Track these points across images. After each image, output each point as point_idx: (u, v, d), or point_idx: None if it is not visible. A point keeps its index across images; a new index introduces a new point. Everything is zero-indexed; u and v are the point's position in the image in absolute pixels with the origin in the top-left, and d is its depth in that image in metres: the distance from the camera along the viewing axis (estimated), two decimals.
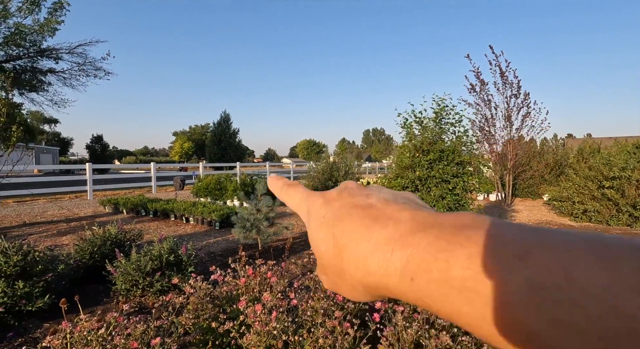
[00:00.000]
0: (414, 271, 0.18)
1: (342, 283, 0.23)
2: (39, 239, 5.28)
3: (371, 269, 0.20)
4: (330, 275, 0.23)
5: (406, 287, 0.18)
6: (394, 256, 0.19)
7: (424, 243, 0.18)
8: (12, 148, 4.33)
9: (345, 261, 0.21)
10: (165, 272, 2.88)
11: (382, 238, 0.20)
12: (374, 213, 0.22)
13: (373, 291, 0.21)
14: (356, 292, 0.22)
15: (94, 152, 34.38)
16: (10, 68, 12.71)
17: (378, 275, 0.20)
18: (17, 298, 2.37)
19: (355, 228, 0.21)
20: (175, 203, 7.33)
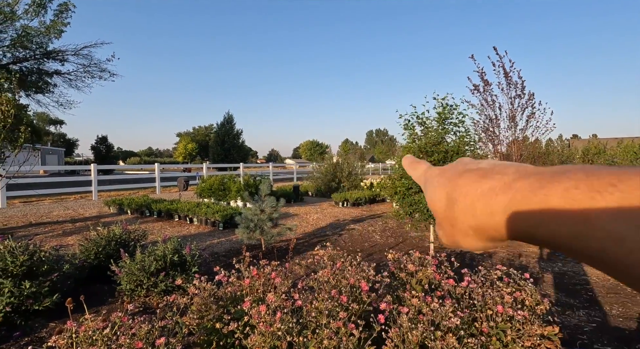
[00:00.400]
0: (516, 207, 0.20)
1: (456, 231, 0.26)
2: (44, 239, 5.32)
3: (477, 211, 0.23)
4: (446, 227, 0.27)
5: (510, 222, 0.21)
6: (497, 199, 0.22)
7: (525, 185, 0.21)
8: (19, 150, 4.37)
9: (457, 211, 0.25)
10: (169, 272, 2.89)
11: (487, 187, 0.23)
12: (481, 173, 0.25)
13: (482, 233, 0.24)
14: (469, 237, 0.26)
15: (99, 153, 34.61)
16: (17, 70, 12.85)
17: (484, 215, 0.23)
18: (24, 298, 2.39)
19: (465, 184, 0.25)
20: (179, 203, 7.36)
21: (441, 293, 1.96)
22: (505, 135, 9.80)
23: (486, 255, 4.47)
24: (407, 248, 4.85)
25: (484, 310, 1.65)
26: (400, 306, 1.64)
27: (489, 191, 0.23)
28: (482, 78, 9.84)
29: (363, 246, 5.01)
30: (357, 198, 9.36)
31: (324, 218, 7.45)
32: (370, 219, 7.28)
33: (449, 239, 0.28)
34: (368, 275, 1.90)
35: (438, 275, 2.11)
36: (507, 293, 1.72)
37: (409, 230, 6.02)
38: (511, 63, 9.39)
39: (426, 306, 1.56)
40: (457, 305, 1.65)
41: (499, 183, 0.23)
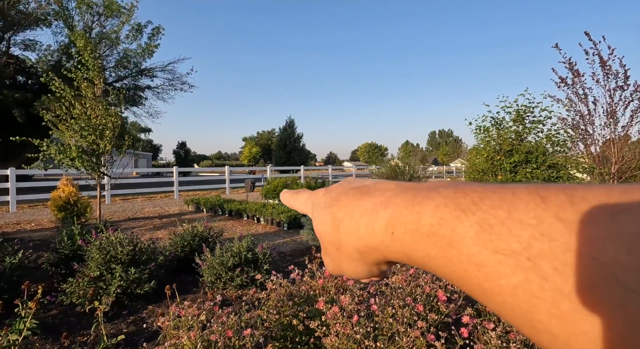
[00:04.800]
0: (393, 225, 0.20)
1: (341, 254, 0.25)
2: (140, 232, 6.16)
3: (361, 231, 0.22)
4: (331, 251, 0.26)
5: (389, 242, 0.20)
6: (378, 216, 0.21)
7: (403, 201, 0.20)
8: (123, 154, 5.14)
9: (342, 232, 0.24)
10: (244, 268, 3.11)
11: (369, 204, 0.22)
12: (365, 190, 0.24)
13: (367, 257, 0.23)
14: (354, 262, 0.25)
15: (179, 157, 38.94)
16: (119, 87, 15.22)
17: (367, 236, 0.22)
18: (130, 282, 2.79)
19: (349, 203, 0.24)
20: (247, 204, 7.88)
21: None
22: (601, 133, 8.44)
23: None
24: None
25: None
26: (484, 320, 1.52)
27: (371, 208, 0.22)
28: (571, 69, 8.63)
29: None
30: None
31: None
32: None
33: (334, 265, 0.27)
34: (445, 284, 1.80)
35: None
36: None
37: None
38: (610, 50, 8.07)
39: None
40: None
41: (380, 199, 0.22)
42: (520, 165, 2.75)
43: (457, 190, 0.19)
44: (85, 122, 4.61)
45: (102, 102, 4.87)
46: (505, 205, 0.16)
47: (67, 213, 5.63)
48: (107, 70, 14.30)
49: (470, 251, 0.16)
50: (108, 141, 4.71)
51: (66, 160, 4.52)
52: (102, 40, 13.23)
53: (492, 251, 0.16)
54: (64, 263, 3.43)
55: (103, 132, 4.73)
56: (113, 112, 5.01)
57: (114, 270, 2.77)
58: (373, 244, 0.22)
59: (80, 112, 4.69)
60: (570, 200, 0.15)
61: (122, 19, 12.95)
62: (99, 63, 5.01)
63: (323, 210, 0.27)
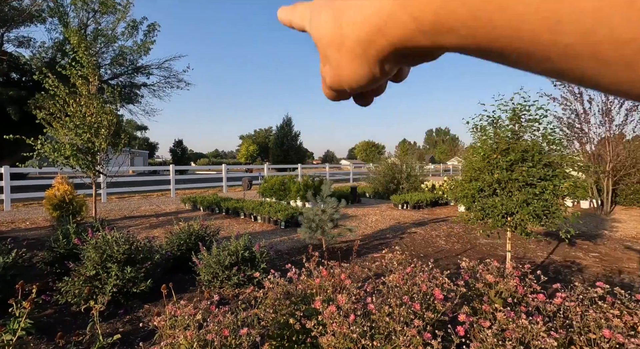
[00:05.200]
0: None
1: (342, 55, 0.22)
2: (136, 231, 6.13)
3: (367, 12, 0.20)
4: (332, 56, 0.23)
5: (398, 9, 0.18)
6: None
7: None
8: (119, 153, 5.10)
9: (344, 24, 0.21)
10: (240, 267, 3.10)
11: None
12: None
13: (370, 47, 0.20)
14: (356, 60, 0.22)
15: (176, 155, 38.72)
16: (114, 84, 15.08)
17: (373, 15, 0.19)
18: (126, 281, 2.77)
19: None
20: (245, 202, 7.87)
21: (526, 308, 1.78)
22: (596, 131, 8.51)
23: (575, 269, 3.93)
24: (476, 255, 4.50)
25: (583, 333, 1.44)
26: (480, 319, 1.52)
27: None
28: None
29: (427, 251, 4.78)
30: (418, 200, 8.98)
31: (384, 220, 7.30)
32: (433, 223, 6.92)
33: (333, 73, 0.24)
34: (441, 283, 1.81)
35: (522, 288, 1.91)
36: (613, 315, 1.48)
37: (478, 236, 5.58)
38: None
39: (512, 322, 1.43)
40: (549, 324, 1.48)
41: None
42: (517, 164, 2.76)
43: None
44: (80, 119, 4.57)
45: (97, 100, 4.83)
46: None
47: (62, 211, 5.58)
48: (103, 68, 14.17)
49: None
50: (103, 139, 4.67)
51: (60, 158, 4.48)
52: (97, 37, 13.10)
53: None
54: (59, 262, 3.40)
55: (98, 130, 4.68)
56: (108, 110, 4.96)
57: (110, 268, 2.75)
58: (379, 24, 0.19)
59: (75, 109, 4.64)
60: None
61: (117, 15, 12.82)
62: (93, 61, 4.96)
63: (323, 10, 0.24)
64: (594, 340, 1.40)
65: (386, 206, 9.51)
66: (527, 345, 1.34)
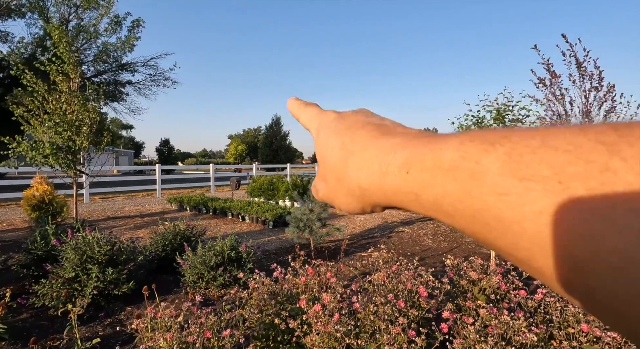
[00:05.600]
0: (409, 164, 0.19)
1: (341, 187, 0.24)
2: (120, 231, 5.98)
3: (372, 169, 0.21)
4: (330, 181, 0.25)
5: (401, 181, 0.20)
6: (395, 157, 0.20)
7: (423, 142, 0.20)
8: (101, 152, 4.96)
9: (350, 165, 0.23)
10: (227, 267, 3.06)
11: (388, 144, 0.22)
12: (384, 130, 0.23)
13: (368, 196, 0.22)
14: (351, 197, 0.24)
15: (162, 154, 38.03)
16: (98, 82, 14.69)
17: (377, 175, 0.21)
18: (107, 283, 2.70)
19: (365, 138, 0.23)
20: (232, 202, 7.78)
21: (508, 304, 1.81)
22: None
23: None
24: (462, 253, 4.56)
25: (563, 327, 1.48)
26: (463, 315, 1.54)
27: (389, 148, 0.21)
28: (549, 70, 8.91)
29: (414, 249, 4.83)
30: None
31: (372, 219, 7.33)
32: (420, 222, 7.00)
33: (328, 193, 0.26)
34: (426, 280, 1.82)
35: (504, 284, 1.94)
36: None
37: (464, 235, 5.66)
38: (586, 52, 8.37)
39: (494, 318, 1.44)
40: (530, 320, 1.50)
41: (400, 140, 0.21)
42: None
43: (484, 130, 0.18)
44: (60, 117, 4.42)
45: (78, 97, 4.68)
46: (539, 136, 0.15)
47: (41, 212, 5.39)
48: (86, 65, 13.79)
49: (494, 181, 0.15)
50: (85, 137, 4.53)
51: (39, 157, 4.32)
52: (80, 33, 12.72)
53: (519, 179, 0.15)
54: (37, 264, 3.28)
55: (79, 128, 4.55)
56: (91, 107, 4.82)
57: (90, 270, 2.67)
58: (381, 185, 0.21)
59: (55, 107, 4.49)
60: (613, 127, 0.13)
61: (100, 11, 12.48)
62: (75, 57, 4.81)
63: (332, 136, 0.25)
64: (572, 334, 1.43)
65: None
66: (509, 340, 1.36)
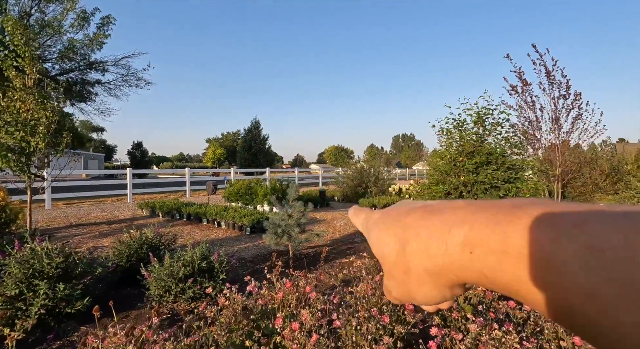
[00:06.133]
0: (472, 244, 0.19)
1: (409, 279, 0.23)
2: (82, 240, 5.53)
3: (432, 251, 0.21)
4: (397, 275, 0.24)
5: (467, 261, 0.19)
6: (452, 234, 0.20)
7: (481, 219, 0.19)
8: (61, 154, 4.56)
9: (409, 254, 0.22)
10: (197, 279, 2.83)
11: (439, 223, 0.21)
12: (429, 209, 0.23)
13: (439, 279, 0.21)
14: (425, 285, 0.23)
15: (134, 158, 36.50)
16: (64, 80, 13.83)
17: (439, 256, 0.20)
18: (58, 300, 2.40)
19: (414, 222, 0.23)
20: (208, 207, 7.45)
21: (495, 314, 1.72)
22: (547, 138, 9.11)
23: None
24: None
25: (554, 340, 1.40)
26: (452, 331, 1.43)
27: (442, 227, 0.21)
28: (520, 77, 9.25)
29: None
30: (386, 204, 9.06)
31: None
32: None
33: (401, 291, 0.25)
34: None
35: (490, 293, 1.86)
36: None
37: None
38: (554, 61, 8.75)
39: (485, 334, 1.34)
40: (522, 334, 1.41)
41: (452, 217, 0.21)
42: (482, 166, 2.77)
43: (546, 209, 0.17)
44: (12, 116, 4.02)
45: (34, 94, 4.29)
46: (624, 228, 0.14)
47: None
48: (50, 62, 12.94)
49: (577, 279, 0.14)
50: (41, 138, 4.14)
51: None
52: (43, 28, 11.93)
53: (608, 279, 0.13)
54: None
55: (35, 127, 4.15)
56: (49, 106, 4.43)
57: (38, 286, 2.36)
58: (447, 264, 0.20)
59: (7, 104, 4.08)
60: None
61: (65, 5, 11.75)
62: (31, 50, 4.41)
63: (383, 232, 0.26)
64: (564, 348, 1.35)
65: None
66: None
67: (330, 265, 4.22)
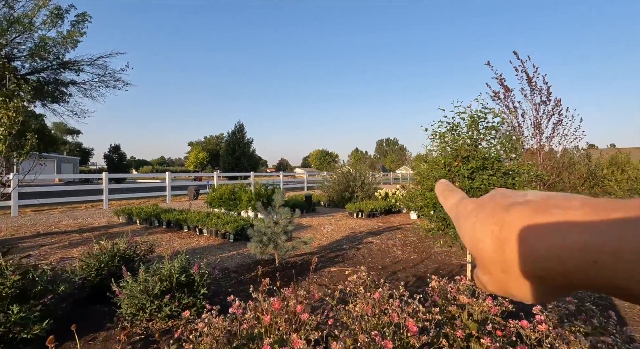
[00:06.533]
0: (596, 252, 0.17)
1: (509, 279, 0.22)
2: (49, 251, 5.11)
3: (540, 255, 0.19)
4: (495, 272, 0.23)
5: (592, 271, 0.18)
6: (565, 240, 0.18)
7: (604, 223, 0.18)
8: (24, 157, 4.19)
9: (510, 255, 0.21)
10: (175, 294, 2.58)
11: (549, 225, 0.19)
12: (534, 206, 0.21)
13: (549, 282, 0.20)
14: (526, 287, 0.21)
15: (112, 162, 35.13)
16: (35, 80, 13.06)
17: (551, 261, 0.19)
18: (11, 325, 2.10)
19: (516, 220, 0.21)
20: (189, 213, 7.12)
21: (502, 332, 1.59)
22: (530, 143, 9.30)
23: None
24: (433, 264, 4.44)
25: None
26: None
27: (551, 231, 0.19)
28: (502, 84, 9.45)
29: (384, 262, 4.62)
30: (372, 208, 8.97)
31: (339, 230, 7.08)
32: (388, 231, 6.87)
33: (498, 287, 0.24)
34: (416, 310, 1.55)
35: (495, 307, 1.73)
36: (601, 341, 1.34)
37: (432, 245, 5.59)
38: (535, 68, 8.99)
39: None
40: None
41: (562, 218, 0.19)
42: (477, 172, 2.68)
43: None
44: None
45: None
46: None
47: None
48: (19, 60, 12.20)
49: None
50: (1, 141, 3.78)
51: None
52: (12, 24, 11.24)
53: None
54: None
55: None
56: (12, 106, 4.06)
57: None
58: (561, 271, 0.19)
59: None
60: None
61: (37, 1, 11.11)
62: None
63: (478, 226, 0.24)
64: None
65: (341, 215, 9.35)
66: None
67: (318, 275, 4.03)
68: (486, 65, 9.49)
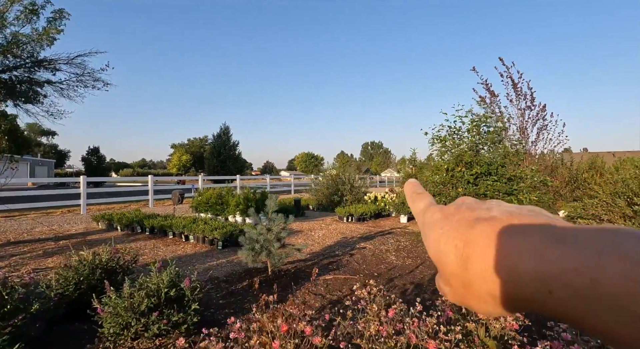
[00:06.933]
0: (551, 284, 0.17)
1: (469, 294, 0.22)
2: (21, 261, 4.74)
3: (500, 278, 0.19)
4: (455, 286, 0.23)
5: (545, 299, 0.18)
6: (525, 267, 0.18)
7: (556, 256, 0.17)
8: None
9: (471, 272, 0.21)
10: (164, 311, 2.37)
11: (509, 249, 0.19)
12: (497, 225, 0.21)
13: (504, 303, 0.20)
14: (485, 304, 0.21)
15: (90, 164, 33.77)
16: (7, 78, 12.34)
17: (508, 285, 0.19)
18: None
19: (479, 238, 0.21)
20: (174, 219, 6.82)
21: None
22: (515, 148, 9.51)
23: None
24: (429, 270, 4.37)
25: None
26: None
27: (511, 255, 0.19)
28: (488, 89, 9.62)
29: (380, 269, 4.52)
30: (362, 212, 8.89)
31: (330, 235, 6.95)
32: (380, 236, 6.80)
33: (457, 299, 0.23)
34: (433, 328, 1.43)
35: (514, 323, 1.64)
36: None
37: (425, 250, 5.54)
38: (519, 74, 9.20)
39: None
40: None
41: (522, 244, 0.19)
42: (481, 177, 2.62)
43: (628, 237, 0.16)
44: None
45: None
46: None
47: None
48: None
49: None
50: None
51: None
52: None
53: None
54: None
55: None
56: None
57: None
58: (516, 295, 0.19)
59: None
60: None
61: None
62: None
63: (443, 238, 0.23)
64: None
65: (331, 219, 9.23)
66: None
67: (314, 283, 3.89)
68: (472, 71, 9.66)
